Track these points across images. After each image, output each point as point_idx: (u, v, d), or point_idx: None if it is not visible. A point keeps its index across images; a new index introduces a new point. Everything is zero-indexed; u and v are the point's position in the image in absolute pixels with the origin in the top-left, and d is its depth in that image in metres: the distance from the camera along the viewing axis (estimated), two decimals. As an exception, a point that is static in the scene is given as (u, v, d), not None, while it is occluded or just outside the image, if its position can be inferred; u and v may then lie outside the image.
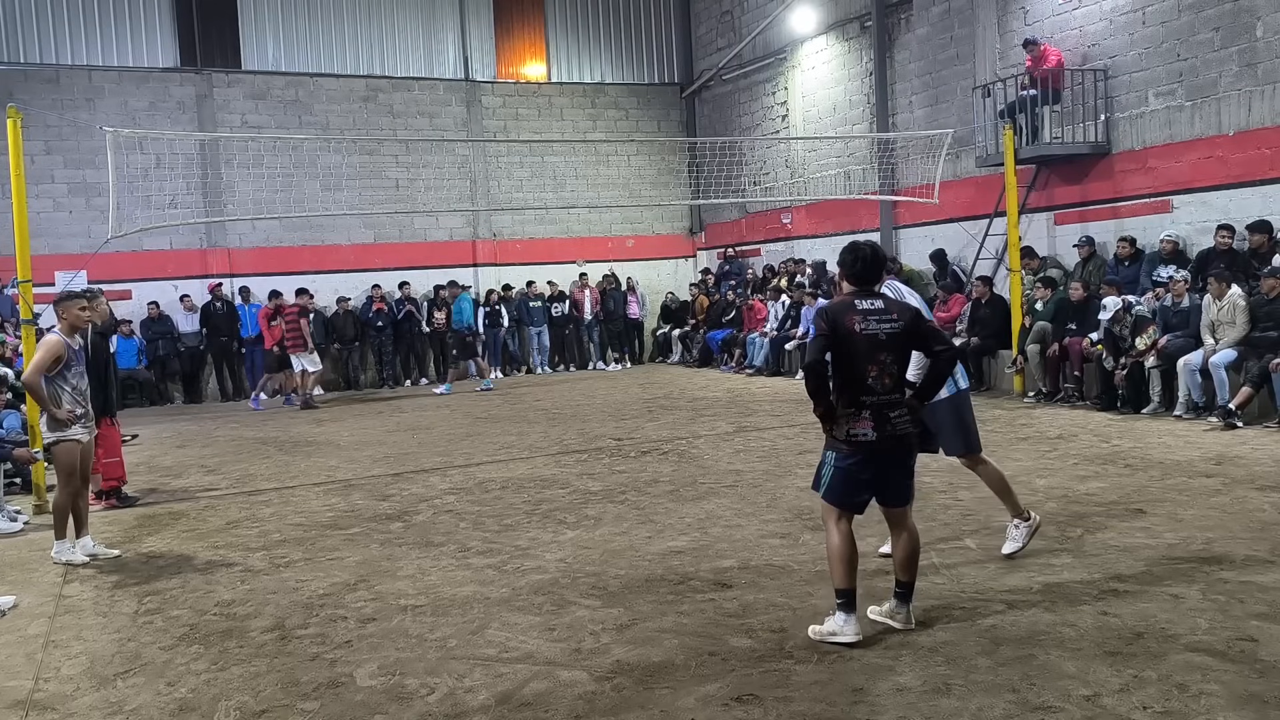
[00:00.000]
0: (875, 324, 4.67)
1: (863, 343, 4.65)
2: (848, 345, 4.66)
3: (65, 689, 4.71)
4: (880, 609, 4.92)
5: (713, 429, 11.67)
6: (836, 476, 4.77)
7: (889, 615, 4.87)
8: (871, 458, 4.71)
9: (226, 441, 12.83)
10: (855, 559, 4.80)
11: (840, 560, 4.76)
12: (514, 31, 21.79)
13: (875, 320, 4.68)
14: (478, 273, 20.92)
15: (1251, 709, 3.83)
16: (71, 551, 7.08)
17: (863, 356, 4.65)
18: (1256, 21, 11.43)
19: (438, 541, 7.07)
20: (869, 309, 4.71)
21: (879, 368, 4.66)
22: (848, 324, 4.66)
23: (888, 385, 4.68)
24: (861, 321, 4.66)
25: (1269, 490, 7.24)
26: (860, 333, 4.65)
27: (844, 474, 4.75)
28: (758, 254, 21.01)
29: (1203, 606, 4.94)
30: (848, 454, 4.72)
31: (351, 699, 4.40)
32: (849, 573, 4.75)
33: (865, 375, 4.65)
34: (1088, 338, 11.84)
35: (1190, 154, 12.25)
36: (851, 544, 4.79)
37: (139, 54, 18.96)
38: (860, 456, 4.70)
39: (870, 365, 4.65)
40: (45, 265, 17.05)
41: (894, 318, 4.72)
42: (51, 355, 7.04)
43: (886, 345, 4.68)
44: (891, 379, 4.70)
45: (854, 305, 4.73)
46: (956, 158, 15.10)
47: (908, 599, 4.86)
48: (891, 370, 4.70)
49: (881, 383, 4.67)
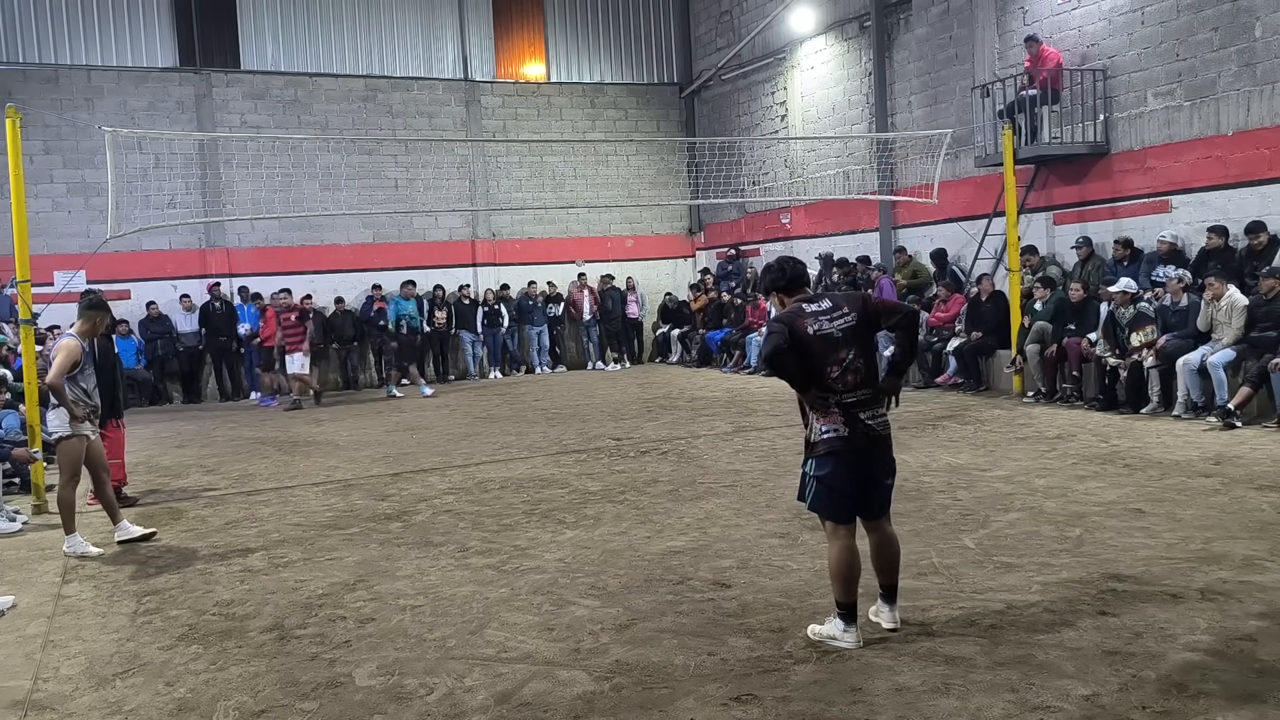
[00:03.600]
0: (827, 323, 4.65)
1: (818, 344, 4.61)
2: (804, 349, 4.61)
3: (64, 689, 4.71)
4: (871, 608, 4.89)
5: (712, 429, 11.67)
6: (818, 486, 4.71)
7: (875, 614, 4.86)
8: (849, 459, 4.63)
9: (225, 441, 12.83)
10: (855, 574, 4.70)
11: (838, 576, 4.71)
12: (513, 31, 21.79)
13: (826, 319, 4.65)
14: (477, 273, 20.92)
15: (1250, 709, 3.83)
16: (84, 544, 7.26)
17: (820, 357, 4.61)
18: (1255, 21, 11.43)
19: (437, 541, 7.07)
20: (819, 310, 4.69)
21: (839, 367, 4.60)
22: (800, 328, 4.63)
23: (851, 383, 4.62)
24: (813, 323, 4.64)
25: (1268, 490, 7.24)
26: (814, 334, 4.62)
27: (823, 482, 4.68)
28: (757, 254, 21.01)
29: (1201, 606, 4.95)
30: (824, 457, 4.67)
31: (350, 699, 4.40)
32: (848, 588, 4.68)
33: (826, 376, 4.61)
34: (1086, 338, 11.86)
35: (1189, 154, 12.25)
36: (851, 557, 4.70)
37: (138, 54, 18.95)
38: (836, 462, 4.63)
39: (830, 366, 4.60)
40: (44, 265, 17.07)
41: (845, 311, 4.68)
42: (70, 359, 7.35)
43: (843, 341, 4.63)
44: (855, 375, 4.63)
45: (802, 310, 4.71)
46: (955, 158, 15.11)
47: (892, 600, 4.83)
48: (855, 366, 4.63)
49: (844, 381, 4.61)
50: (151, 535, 7.60)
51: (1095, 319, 11.94)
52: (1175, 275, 11.16)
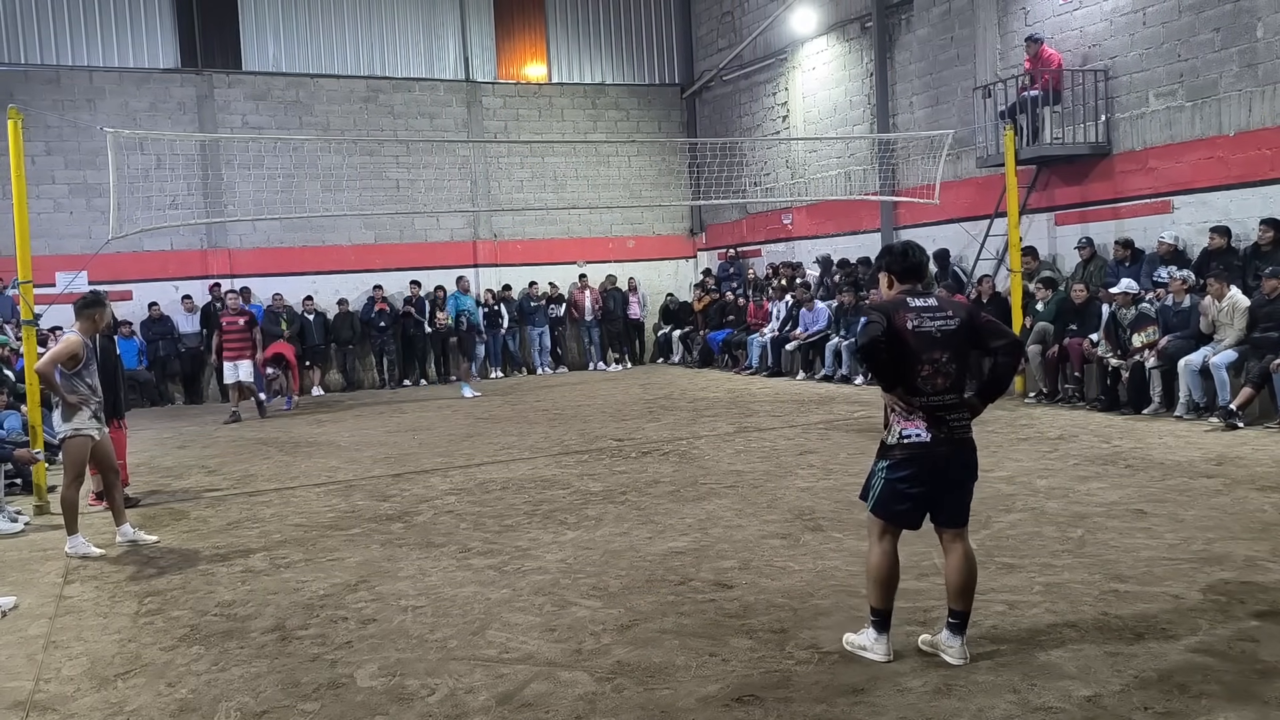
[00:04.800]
0: (929, 321, 4.39)
1: (914, 341, 4.36)
2: (899, 344, 4.36)
3: (66, 690, 4.72)
4: (931, 638, 4.55)
5: (713, 429, 11.67)
6: (886, 488, 4.46)
7: (941, 647, 4.46)
8: (927, 466, 4.40)
9: (227, 442, 12.84)
10: (895, 580, 4.52)
11: (877, 581, 4.50)
12: (515, 32, 21.80)
13: (929, 317, 4.40)
14: (478, 273, 20.92)
15: (1252, 709, 3.83)
16: (86, 545, 7.27)
17: (914, 355, 4.36)
18: (1257, 22, 11.43)
19: (438, 542, 7.07)
20: (922, 306, 4.43)
21: (932, 367, 4.37)
22: (899, 321, 4.37)
23: (940, 386, 4.39)
24: (914, 319, 4.38)
25: (1270, 491, 7.23)
26: (912, 330, 4.36)
27: (895, 485, 4.44)
28: (758, 254, 21.01)
29: (1203, 607, 4.94)
30: (901, 462, 4.42)
31: (352, 700, 4.40)
32: (885, 594, 4.49)
33: (915, 375, 4.38)
34: (1088, 338, 11.85)
35: (1190, 154, 12.25)
36: (893, 564, 4.51)
37: (139, 55, 18.97)
38: (914, 467, 4.40)
39: (921, 365, 4.37)
40: (46, 266, 17.04)
41: (949, 314, 4.44)
42: (70, 352, 7.37)
43: (940, 343, 4.38)
44: (945, 379, 4.40)
45: (905, 302, 4.45)
46: (957, 158, 15.11)
47: (962, 630, 4.43)
48: (947, 370, 4.40)
49: (933, 383, 4.38)
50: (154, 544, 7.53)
51: (1097, 320, 11.93)
52: (1180, 275, 11.14)
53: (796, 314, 17.26)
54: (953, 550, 4.53)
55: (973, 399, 4.56)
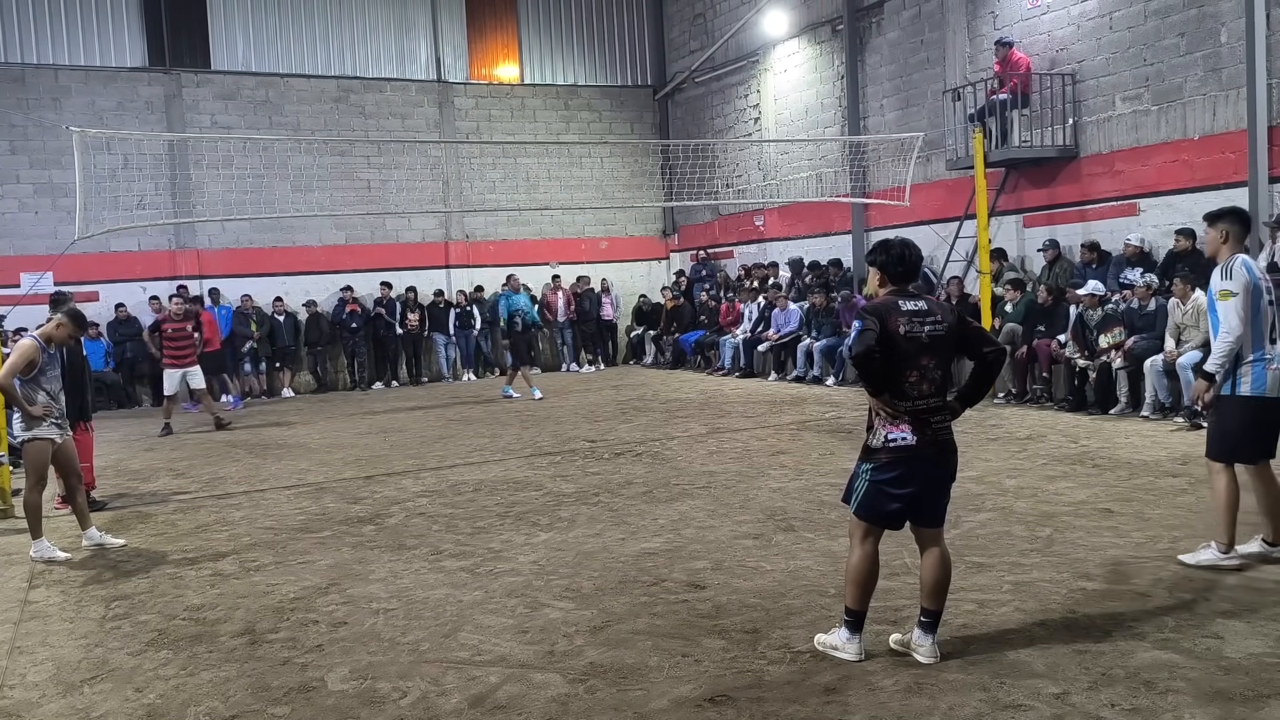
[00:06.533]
0: (919, 326, 4.37)
1: (904, 345, 4.35)
2: (889, 348, 4.35)
3: (31, 696, 4.65)
4: (902, 638, 4.58)
5: (686, 430, 11.68)
6: (871, 490, 4.47)
7: (912, 646, 4.49)
8: (911, 468, 4.41)
9: (195, 444, 12.72)
10: (873, 582, 4.55)
11: (857, 583, 4.51)
12: (487, 33, 21.73)
13: (919, 321, 4.38)
14: (450, 274, 20.84)
15: (1217, 705, 3.88)
16: (51, 549, 7.18)
17: (902, 360, 4.36)
18: (1221, 27, 11.59)
19: (410, 544, 7.04)
20: (913, 310, 4.40)
21: (919, 372, 4.38)
22: (891, 325, 4.35)
23: (925, 391, 4.40)
24: (906, 323, 4.36)
25: (1234, 489, 7.32)
26: (903, 335, 4.35)
27: (880, 487, 4.44)
28: (731, 256, 21.07)
29: (1170, 605, 5.01)
30: (885, 464, 4.43)
31: (323, 703, 4.37)
32: (863, 595, 4.52)
33: (903, 380, 4.38)
34: (1056, 339, 11.98)
35: (1156, 158, 12.41)
36: (874, 566, 4.53)
37: (106, 53, 18.73)
38: (899, 470, 4.41)
39: (910, 370, 4.37)
40: (11, 266, 16.97)
41: (938, 319, 4.42)
42: (24, 359, 7.24)
43: (929, 348, 4.38)
44: (931, 385, 4.41)
45: (897, 305, 4.41)
46: (927, 161, 15.22)
47: (933, 629, 4.47)
48: (933, 376, 4.41)
49: (919, 389, 4.39)
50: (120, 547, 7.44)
51: (1064, 321, 12.07)
52: (1142, 282, 11.27)
53: (769, 315, 17.33)
54: (929, 550, 4.56)
55: (954, 402, 4.59)
